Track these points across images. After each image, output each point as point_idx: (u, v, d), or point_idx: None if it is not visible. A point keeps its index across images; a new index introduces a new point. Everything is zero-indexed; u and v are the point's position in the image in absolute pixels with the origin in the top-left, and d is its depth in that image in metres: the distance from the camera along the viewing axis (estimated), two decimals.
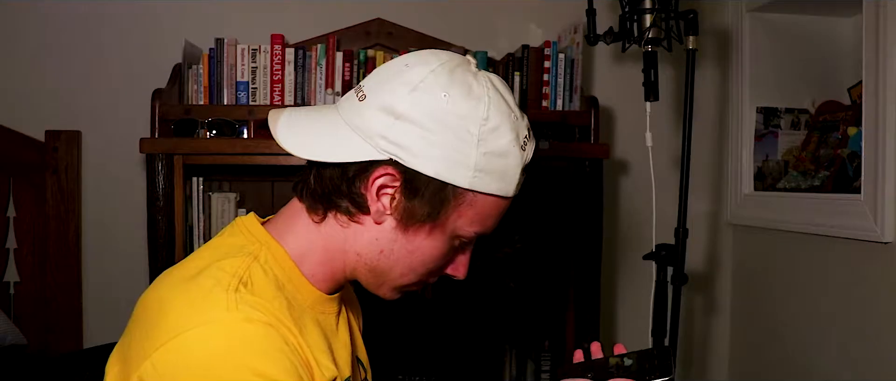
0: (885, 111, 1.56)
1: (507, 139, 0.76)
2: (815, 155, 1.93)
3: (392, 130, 0.74)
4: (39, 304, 2.00)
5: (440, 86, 0.75)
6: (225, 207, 1.85)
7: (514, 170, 0.78)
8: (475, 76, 0.77)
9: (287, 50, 1.88)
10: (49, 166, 1.99)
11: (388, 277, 0.82)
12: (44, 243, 2.00)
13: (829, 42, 2.11)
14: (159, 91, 1.82)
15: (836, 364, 1.78)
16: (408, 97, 0.74)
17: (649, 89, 1.67)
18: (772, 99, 2.12)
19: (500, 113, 0.76)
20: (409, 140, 0.74)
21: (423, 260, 0.81)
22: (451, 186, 0.75)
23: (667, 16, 1.65)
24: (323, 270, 0.82)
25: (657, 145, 1.80)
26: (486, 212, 0.79)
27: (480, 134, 0.75)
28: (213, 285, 0.72)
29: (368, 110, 0.76)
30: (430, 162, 0.74)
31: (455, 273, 0.86)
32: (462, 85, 0.75)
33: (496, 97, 0.76)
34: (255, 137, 1.81)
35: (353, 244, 0.81)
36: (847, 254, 1.73)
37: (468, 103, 0.74)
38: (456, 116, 0.74)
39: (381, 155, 0.74)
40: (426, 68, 0.76)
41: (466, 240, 0.82)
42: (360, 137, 0.75)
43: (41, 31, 2.01)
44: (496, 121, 0.75)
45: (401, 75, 0.76)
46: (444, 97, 0.74)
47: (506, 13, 2.15)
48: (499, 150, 0.76)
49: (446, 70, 0.76)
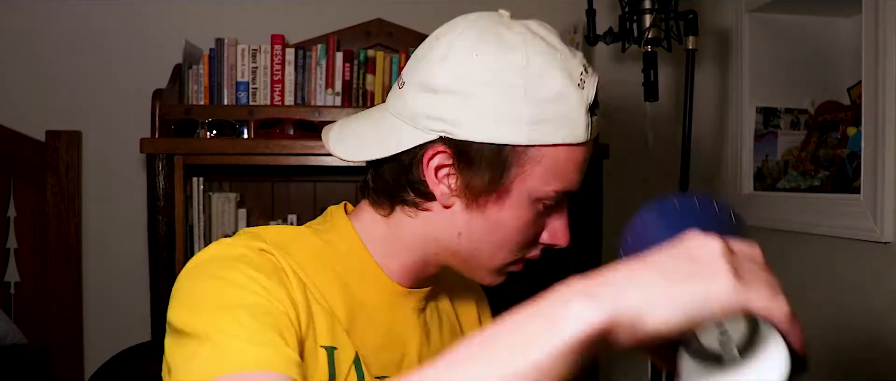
0: (884, 111, 1.56)
1: (558, 81, 0.69)
2: (814, 155, 1.93)
3: (434, 107, 0.70)
4: (39, 304, 2.00)
5: (469, 46, 0.70)
6: (225, 207, 1.85)
7: (578, 112, 0.70)
8: (508, 27, 0.72)
9: (287, 50, 1.88)
10: (49, 166, 1.99)
11: (477, 260, 0.76)
12: (44, 243, 2.00)
13: (829, 42, 2.11)
14: (159, 91, 1.82)
15: (835, 364, 1.78)
16: (440, 68, 0.71)
17: (649, 89, 1.67)
18: (771, 99, 2.12)
19: (543, 55, 0.70)
20: (452, 111, 0.69)
21: (508, 234, 0.74)
22: (509, 146, 0.70)
23: (666, 16, 1.66)
24: (398, 260, 0.78)
25: (657, 145, 1.80)
26: (560, 166, 0.72)
27: (526, 83, 0.68)
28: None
29: (409, 95, 0.73)
30: (478, 128, 0.69)
31: (556, 241, 0.78)
32: (493, 38, 0.70)
33: (534, 40, 0.71)
34: (255, 137, 1.81)
35: (430, 232, 0.76)
36: (846, 254, 1.73)
37: (503, 55, 0.69)
38: (492, 72, 0.69)
39: (430, 135, 0.71)
40: (453, 33, 0.72)
41: (551, 201, 0.74)
42: (407, 125, 0.72)
43: (41, 31, 2.01)
44: (540, 64, 0.69)
45: (431, 50, 0.73)
46: (475, 56, 0.70)
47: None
48: (551, 94, 0.69)
49: (475, 28, 0.72)
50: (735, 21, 2.16)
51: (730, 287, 0.45)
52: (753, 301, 0.45)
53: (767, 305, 0.46)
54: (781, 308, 0.46)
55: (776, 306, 0.46)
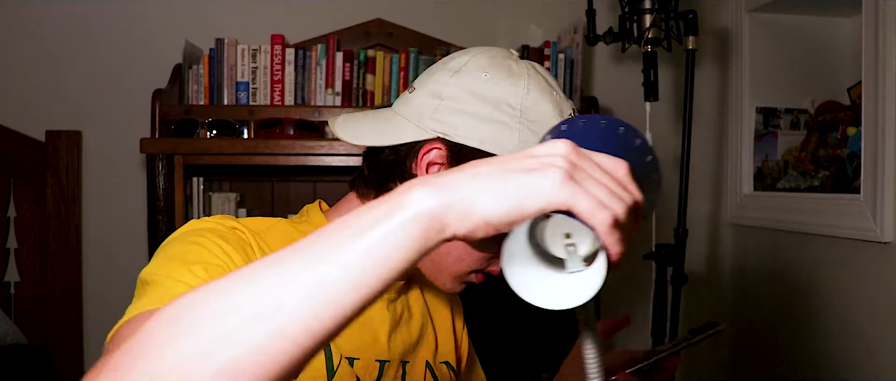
0: (884, 111, 1.56)
1: (549, 112, 0.78)
2: (814, 155, 1.93)
3: (438, 111, 0.78)
4: (39, 304, 2.00)
5: (481, 67, 0.79)
6: (225, 207, 1.85)
7: None
8: (516, 62, 0.81)
9: (287, 50, 1.88)
10: (49, 166, 1.99)
11: (445, 262, 0.82)
12: (44, 243, 2.00)
13: (829, 42, 2.11)
14: (160, 91, 1.82)
15: (835, 364, 1.78)
16: (451, 80, 0.78)
17: (649, 89, 1.68)
18: (771, 99, 2.12)
19: (541, 89, 0.78)
20: (454, 117, 0.77)
21: (480, 242, 0.79)
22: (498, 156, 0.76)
23: (666, 16, 1.66)
24: None
25: (657, 145, 1.79)
26: None
27: (522, 106, 0.77)
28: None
29: (417, 99, 0.80)
30: (474, 134, 0.76)
31: None
32: (502, 67, 0.79)
33: (536, 76, 0.79)
34: (255, 137, 1.81)
35: None
36: (846, 254, 1.73)
37: (508, 80, 0.78)
38: (497, 92, 0.77)
39: (429, 134, 0.78)
40: (468, 56, 0.80)
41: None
42: (410, 123, 0.79)
43: (41, 31, 2.01)
44: (537, 95, 0.78)
45: (444, 65, 0.81)
46: (484, 77, 0.78)
47: (506, 13, 2.16)
48: (540, 118, 0.77)
49: (487, 56, 0.80)
50: (735, 21, 2.16)
51: (556, 184, 0.45)
52: (577, 203, 0.45)
53: (590, 209, 0.46)
54: (604, 217, 0.46)
55: (599, 214, 0.46)
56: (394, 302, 0.88)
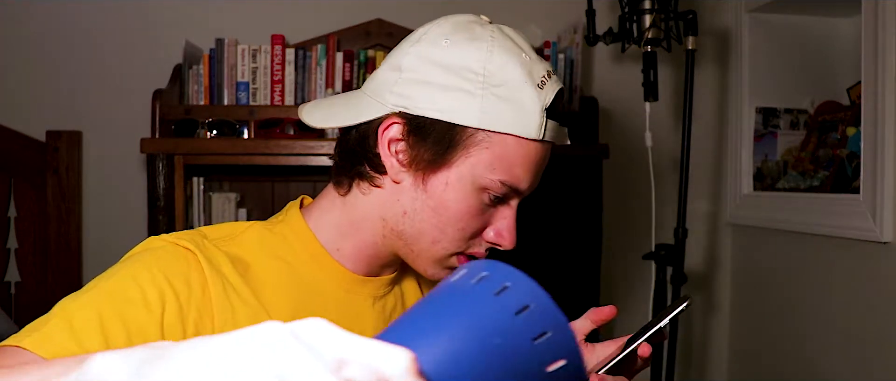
0: (883, 111, 1.57)
1: (516, 74, 0.73)
2: (814, 155, 1.94)
3: (397, 84, 0.75)
4: (40, 304, 2.00)
5: (442, 34, 0.76)
6: (225, 207, 1.85)
7: (531, 107, 0.74)
8: (482, 25, 0.77)
9: (287, 50, 1.88)
10: (50, 166, 2.00)
11: (420, 244, 0.78)
12: (44, 243, 2.00)
13: (829, 42, 2.12)
14: (160, 91, 1.82)
15: (835, 364, 1.79)
16: (411, 50, 0.76)
17: (649, 90, 1.68)
18: (771, 99, 2.12)
19: (507, 52, 0.74)
20: (413, 89, 0.74)
21: (451, 218, 0.76)
22: (459, 126, 0.73)
23: (666, 16, 1.66)
24: (350, 244, 0.81)
25: (657, 145, 1.80)
26: (508, 156, 0.74)
27: (485, 72, 0.73)
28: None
29: (380, 73, 0.78)
30: (432, 105, 0.73)
31: (499, 240, 0.79)
32: (465, 31, 0.75)
33: (502, 37, 0.75)
34: (255, 137, 1.81)
35: (377, 209, 0.79)
36: (846, 254, 1.74)
37: (470, 45, 0.74)
38: (457, 58, 0.74)
39: (389, 108, 0.75)
40: (432, 24, 0.78)
41: (497, 193, 0.76)
42: (374, 100, 0.77)
43: (41, 31, 2.02)
44: (502, 58, 0.73)
45: (409, 38, 0.78)
46: (444, 43, 0.75)
47: (505, 13, 2.16)
48: (506, 82, 0.73)
49: (451, 22, 0.77)
50: (735, 21, 2.16)
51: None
52: None
53: None
54: None
55: None
56: (382, 299, 0.85)
